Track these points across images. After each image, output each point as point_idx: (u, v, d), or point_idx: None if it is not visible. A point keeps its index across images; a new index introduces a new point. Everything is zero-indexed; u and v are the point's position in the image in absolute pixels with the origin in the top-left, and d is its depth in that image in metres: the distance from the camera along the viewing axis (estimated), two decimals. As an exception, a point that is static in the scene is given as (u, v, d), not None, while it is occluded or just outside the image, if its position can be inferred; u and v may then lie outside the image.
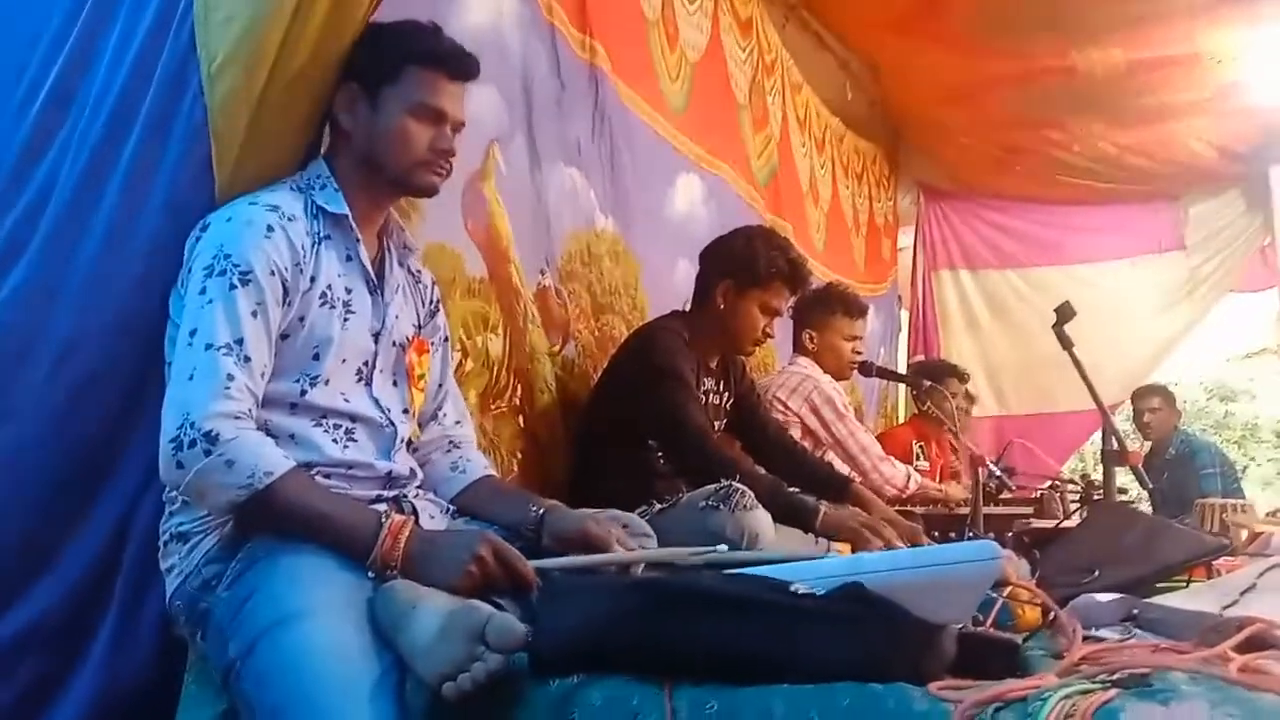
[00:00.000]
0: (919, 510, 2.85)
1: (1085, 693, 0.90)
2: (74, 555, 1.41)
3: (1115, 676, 0.96)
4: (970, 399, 4.53)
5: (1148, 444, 5.40)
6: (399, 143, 1.45)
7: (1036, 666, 1.11)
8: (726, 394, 2.61)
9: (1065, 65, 4.30)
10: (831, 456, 3.08)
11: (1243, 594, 1.39)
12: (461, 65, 1.50)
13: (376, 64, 1.46)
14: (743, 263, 2.44)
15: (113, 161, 1.45)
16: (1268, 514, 2.98)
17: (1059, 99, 4.67)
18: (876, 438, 4.23)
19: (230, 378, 1.27)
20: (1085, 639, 1.20)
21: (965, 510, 2.70)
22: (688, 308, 2.58)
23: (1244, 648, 1.08)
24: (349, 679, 1.15)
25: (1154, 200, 5.68)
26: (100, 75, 1.50)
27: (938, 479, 3.95)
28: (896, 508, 2.56)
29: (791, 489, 2.26)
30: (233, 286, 1.30)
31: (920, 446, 4.08)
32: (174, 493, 1.34)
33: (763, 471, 2.33)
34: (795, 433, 3.02)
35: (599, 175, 2.83)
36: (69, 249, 1.45)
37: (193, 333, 1.29)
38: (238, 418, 1.27)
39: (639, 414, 2.31)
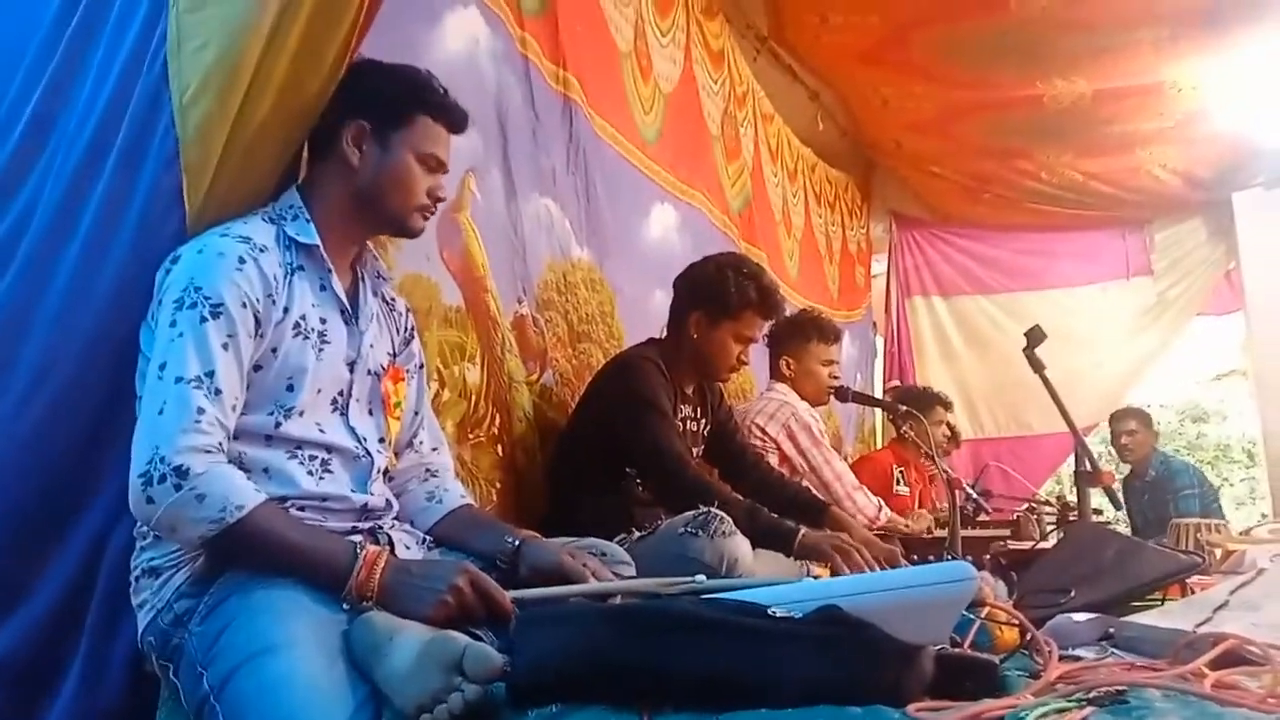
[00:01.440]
0: (898, 534, 2.86)
1: (1061, 711, 0.91)
2: (44, 589, 1.39)
3: (1091, 694, 0.97)
4: (954, 438, 4.55)
5: (1126, 466, 5.46)
6: (403, 186, 1.49)
7: (1014, 686, 1.11)
8: (704, 420, 2.61)
9: (1032, 95, 4.40)
10: (806, 483, 3.09)
11: (1216, 611, 1.40)
12: (462, 120, 1.56)
13: (389, 107, 1.49)
14: (714, 294, 2.45)
15: (88, 192, 1.45)
16: (1241, 533, 3.00)
17: (1026, 128, 4.76)
18: (857, 462, 4.26)
19: (200, 411, 1.26)
20: (1061, 658, 1.21)
21: (942, 533, 2.71)
22: (664, 334, 2.59)
23: (1217, 664, 1.10)
24: (325, 711, 1.13)
25: (1121, 227, 5.79)
26: (80, 104, 1.50)
27: (916, 503, 3.98)
28: (874, 531, 2.57)
29: (767, 511, 2.26)
30: (203, 319, 1.30)
31: (900, 471, 4.10)
32: (145, 528, 1.32)
33: (741, 497, 2.33)
34: (773, 459, 3.03)
35: (574, 205, 2.85)
36: (44, 278, 1.44)
37: (163, 366, 1.28)
38: (208, 451, 1.26)
39: (618, 444, 2.31)
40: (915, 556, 2.33)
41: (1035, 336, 2.58)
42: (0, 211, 1.50)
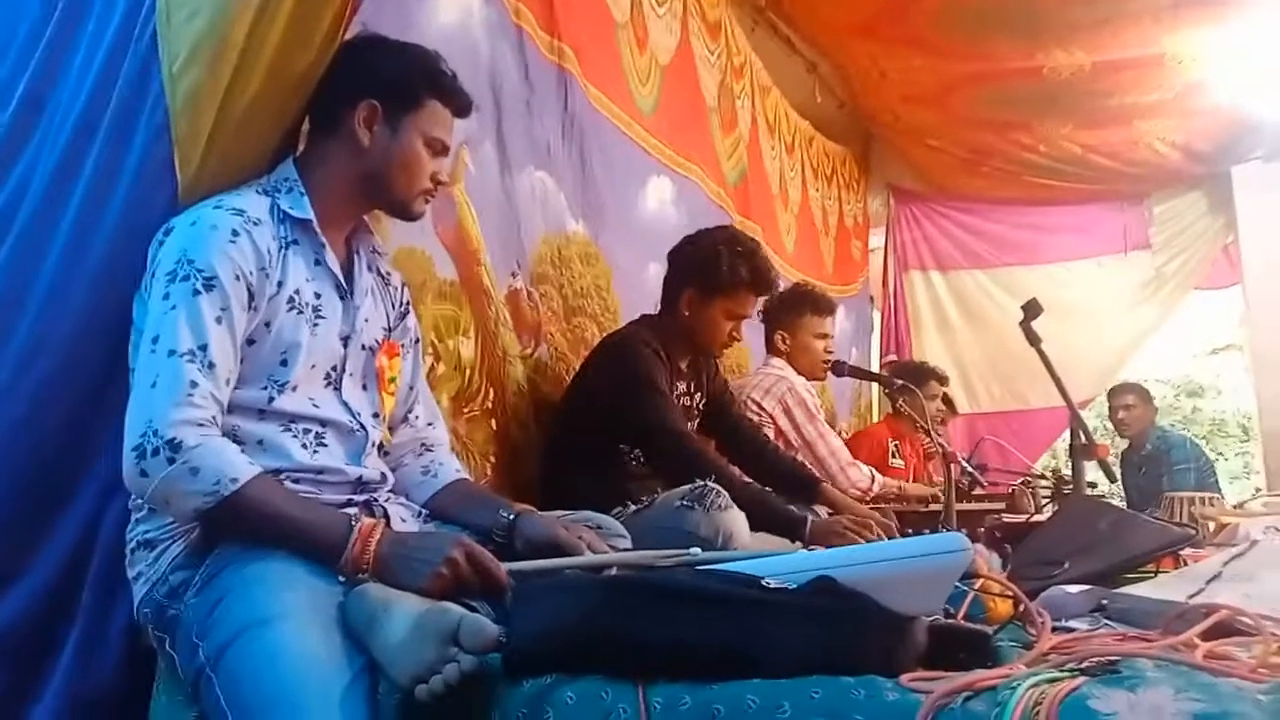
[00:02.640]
0: (893, 508, 2.87)
1: (1053, 681, 0.91)
2: (39, 565, 1.39)
3: (1083, 665, 0.98)
4: (950, 409, 4.56)
5: (1125, 441, 5.47)
6: (411, 170, 1.48)
7: (1007, 657, 1.12)
8: (699, 394, 2.61)
9: (1031, 67, 4.36)
10: (801, 457, 3.10)
11: (1208, 582, 1.40)
12: (468, 105, 1.56)
13: (400, 89, 1.47)
14: (706, 271, 2.44)
15: (78, 168, 1.44)
16: (1234, 506, 3.02)
17: (1025, 101, 4.72)
18: (853, 436, 4.27)
19: (193, 385, 1.26)
20: (1055, 629, 1.22)
21: (938, 506, 2.72)
22: (658, 309, 2.58)
23: (1209, 635, 1.10)
24: (321, 682, 1.13)
25: (1120, 200, 5.76)
26: (70, 80, 1.49)
27: (911, 478, 4.00)
28: (867, 504, 2.59)
29: (776, 497, 2.28)
30: (196, 292, 1.29)
31: (895, 445, 4.12)
32: (139, 500, 1.32)
33: (747, 480, 2.34)
34: (768, 433, 3.03)
35: (569, 178, 2.83)
36: (36, 257, 1.44)
37: (155, 339, 1.27)
38: (201, 425, 1.25)
39: (616, 424, 2.32)
40: (910, 530, 2.35)
41: (1032, 309, 2.57)
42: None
